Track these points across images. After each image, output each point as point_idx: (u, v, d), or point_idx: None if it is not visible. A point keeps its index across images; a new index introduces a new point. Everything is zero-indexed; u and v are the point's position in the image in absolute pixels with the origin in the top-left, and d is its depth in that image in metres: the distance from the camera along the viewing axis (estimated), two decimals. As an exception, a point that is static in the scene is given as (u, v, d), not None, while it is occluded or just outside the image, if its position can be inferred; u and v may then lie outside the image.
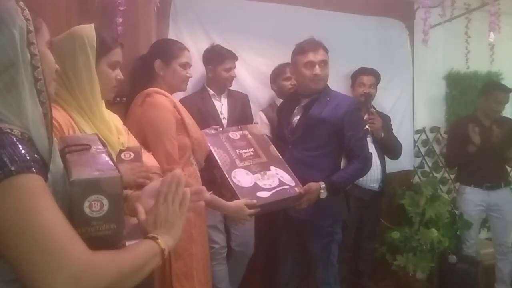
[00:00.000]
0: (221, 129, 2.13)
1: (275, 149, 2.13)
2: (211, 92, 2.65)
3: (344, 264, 2.95)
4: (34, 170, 0.70)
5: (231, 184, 1.85)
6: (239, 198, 1.82)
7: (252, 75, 2.95)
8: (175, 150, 1.71)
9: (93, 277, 0.70)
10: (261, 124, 2.73)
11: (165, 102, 1.74)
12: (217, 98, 2.66)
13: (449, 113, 3.63)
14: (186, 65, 1.87)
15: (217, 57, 2.60)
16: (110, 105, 1.52)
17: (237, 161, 1.96)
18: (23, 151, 0.71)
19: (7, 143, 0.70)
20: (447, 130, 3.46)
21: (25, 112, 0.75)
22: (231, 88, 2.74)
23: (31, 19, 0.79)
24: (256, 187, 1.88)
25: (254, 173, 1.93)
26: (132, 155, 1.42)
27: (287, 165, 2.06)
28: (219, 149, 1.96)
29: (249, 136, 2.12)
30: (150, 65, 1.84)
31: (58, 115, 1.22)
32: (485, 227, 3.44)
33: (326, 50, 2.17)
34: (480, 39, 2.93)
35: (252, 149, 2.04)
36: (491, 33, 2.74)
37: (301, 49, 2.16)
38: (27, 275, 0.68)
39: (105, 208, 0.77)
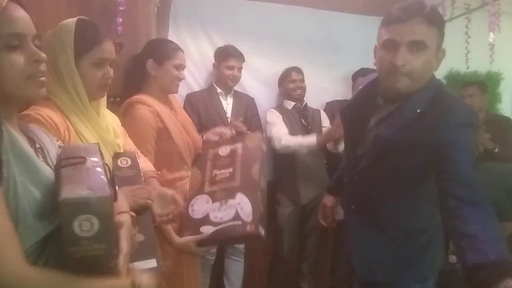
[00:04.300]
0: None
1: (258, 171, 1.76)
2: (219, 90, 2.69)
3: (344, 264, 2.96)
4: None
5: (184, 213, 1.74)
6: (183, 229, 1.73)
7: (252, 75, 2.96)
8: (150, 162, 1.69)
9: None
10: (275, 116, 2.76)
11: (145, 114, 1.71)
12: (224, 97, 2.70)
13: (449, 113, 3.62)
14: (179, 67, 1.85)
15: (221, 54, 2.66)
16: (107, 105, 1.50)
17: (206, 185, 1.79)
18: None
19: None
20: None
21: None
22: (237, 90, 2.78)
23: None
24: (204, 220, 1.70)
25: (214, 200, 1.74)
26: (129, 161, 1.39)
27: (258, 193, 1.70)
28: (198, 169, 1.84)
29: (240, 151, 1.85)
30: (143, 65, 1.82)
31: (54, 115, 1.19)
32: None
33: None
34: (480, 39, 2.93)
35: (231, 169, 1.81)
36: (491, 33, 2.74)
37: None
38: None
39: (96, 227, 0.75)
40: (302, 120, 2.80)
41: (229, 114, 2.64)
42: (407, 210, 1.37)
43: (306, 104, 2.89)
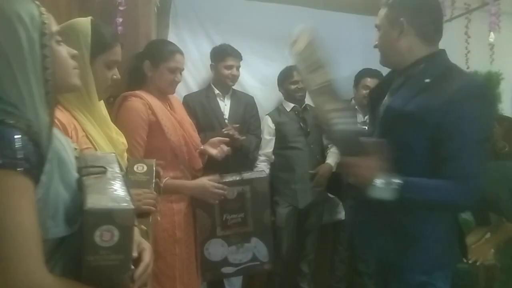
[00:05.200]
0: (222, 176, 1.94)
1: (270, 215, 2.00)
2: (216, 91, 2.67)
3: (344, 264, 2.96)
4: (21, 169, 0.71)
5: (200, 256, 1.87)
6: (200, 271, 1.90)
7: (252, 76, 2.96)
8: (138, 153, 1.71)
9: None
10: (267, 129, 2.75)
11: (138, 106, 1.74)
12: (222, 98, 2.67)
13: (449, 113, 3.62)
14: (175, 70, 1.84)
15: (219, 54, 2.63)
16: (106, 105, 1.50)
17: (218, 229, 1.88)
18: (17, 146, 0.71)
19: (5, 135, 0.71)
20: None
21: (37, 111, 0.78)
22: (236, 89, 2.76)
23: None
24: (223, 262, 1.88)
25: (230, 244, 1.87)
26: (145, 168, 1.40)
27: (271, 236, 1.97)
28: (204, 212, 1.87)
29: (248, 195, 1.90)
30: (141, 65, 1.84)
31: (62, 115, 1.19)
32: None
33: None
34: (480, 39, 2.93)
35: (242, 214, 1.89)
36: (491, 33, 2.74)
37: None
38: None
39: (115, 238, 0.77)
40: (300, 123, 2.79)
41: (226, 116, 2.61)
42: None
43: (306, 105, 2.87)
